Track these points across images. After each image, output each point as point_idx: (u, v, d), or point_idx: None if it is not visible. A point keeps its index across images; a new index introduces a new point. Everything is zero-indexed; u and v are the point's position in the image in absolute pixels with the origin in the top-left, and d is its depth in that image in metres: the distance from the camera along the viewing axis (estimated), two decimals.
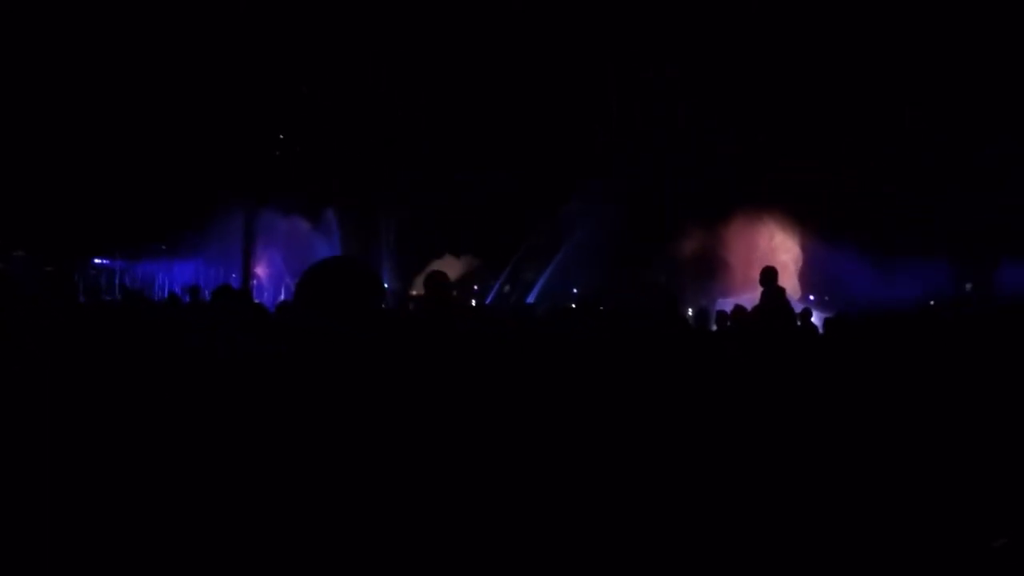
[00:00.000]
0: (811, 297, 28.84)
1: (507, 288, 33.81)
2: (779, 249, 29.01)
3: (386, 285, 29.88)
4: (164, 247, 33.24)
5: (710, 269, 29.98)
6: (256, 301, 11.10)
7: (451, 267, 32.59)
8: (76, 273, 30.69)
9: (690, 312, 17.11)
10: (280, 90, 34.63)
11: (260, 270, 33.52)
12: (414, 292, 25.90)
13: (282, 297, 28.30)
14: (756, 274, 7.44)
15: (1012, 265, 28.10)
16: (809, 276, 29.80)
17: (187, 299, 11.30)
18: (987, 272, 29.08)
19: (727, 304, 23.83)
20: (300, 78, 35.41)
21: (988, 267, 29.10)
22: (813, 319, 11.21)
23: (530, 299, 29.93)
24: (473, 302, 26.86)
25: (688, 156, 31.57)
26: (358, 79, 35.16)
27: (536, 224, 33.47)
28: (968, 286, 30.27)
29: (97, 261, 33.64)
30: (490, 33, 34.80)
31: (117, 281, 30.01)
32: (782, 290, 7.29)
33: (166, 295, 18.38)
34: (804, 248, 29.67)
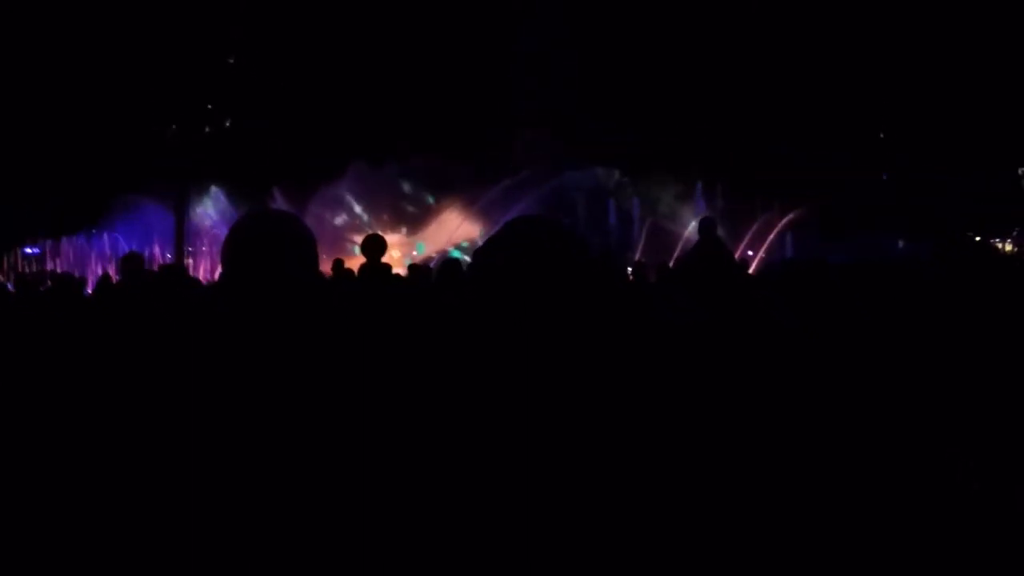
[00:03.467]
0: (750, 252, 29.30)
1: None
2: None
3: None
4: (95, 229, 32.40)
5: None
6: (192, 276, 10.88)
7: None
8: (5, 264, 29.90)
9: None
10: (207, 62, 33.81)
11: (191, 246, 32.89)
12: None
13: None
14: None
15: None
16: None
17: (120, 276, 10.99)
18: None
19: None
20: (227, 49, 34.57)
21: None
22: None
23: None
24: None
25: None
26: (285, 50, 34.44)
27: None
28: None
29: (28, 251, 32.75)
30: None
31: (48, 267, 29.23)
32: (721, 240, 7.33)
33: (98, 276, 17.92)
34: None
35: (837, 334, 3.31)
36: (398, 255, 30.58)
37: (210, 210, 32.73)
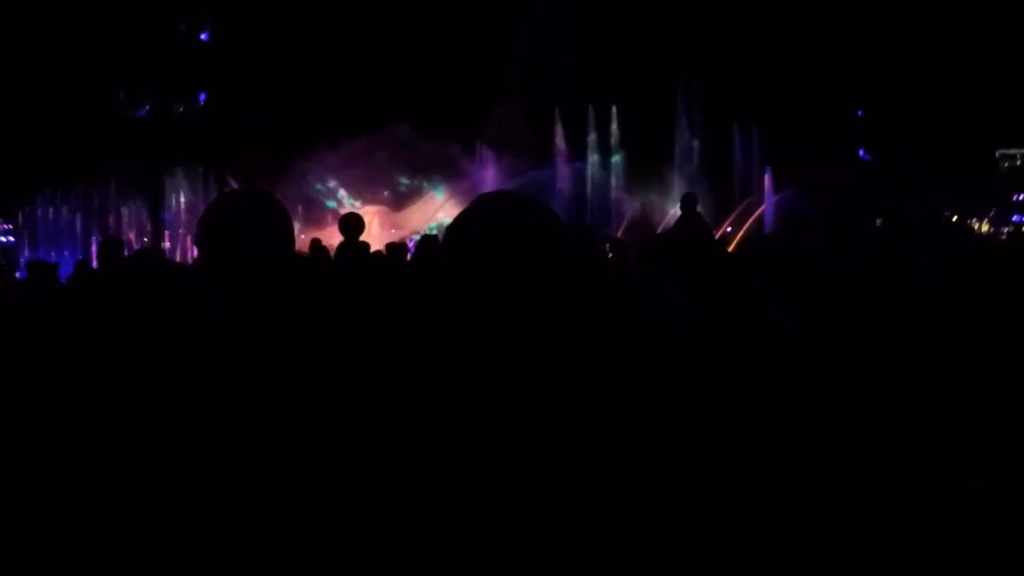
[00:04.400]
0: (729, 229, 29.43)
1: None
2: None
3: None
4: (65, 211, 32.06)
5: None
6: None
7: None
8: None
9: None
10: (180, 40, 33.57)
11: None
12: None
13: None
14: None
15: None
16: None
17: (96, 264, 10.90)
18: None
19: None
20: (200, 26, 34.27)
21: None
22: None
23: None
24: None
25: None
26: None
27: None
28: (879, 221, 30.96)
29: (2, 239, 32.46)
30: None
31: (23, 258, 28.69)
32: (700, 216, 7.33)
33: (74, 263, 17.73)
34: None
35: (837, 334, 3.30)
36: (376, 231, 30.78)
37: (184, 193, 32.53)
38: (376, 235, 31.97)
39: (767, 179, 29.25)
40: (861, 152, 35.70)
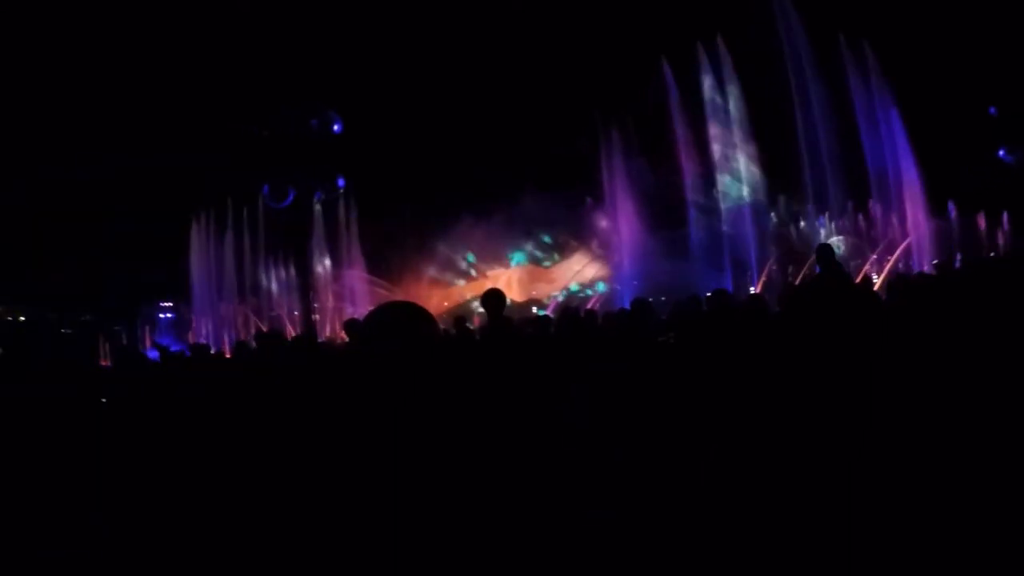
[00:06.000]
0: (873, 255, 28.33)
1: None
2: None
3: None
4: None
5: None
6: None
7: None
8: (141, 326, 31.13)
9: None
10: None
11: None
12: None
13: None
14: None
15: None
16: None
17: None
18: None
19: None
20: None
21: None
22: None
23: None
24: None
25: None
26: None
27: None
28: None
29: (163, 316, 34.05)
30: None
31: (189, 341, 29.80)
32: (837, 267, 7.13)
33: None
34: None
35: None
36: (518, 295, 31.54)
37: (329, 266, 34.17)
38: (518, 292, 32.87)
39: (910, 211, 27.97)
40: (1001, 152, 33.18)
